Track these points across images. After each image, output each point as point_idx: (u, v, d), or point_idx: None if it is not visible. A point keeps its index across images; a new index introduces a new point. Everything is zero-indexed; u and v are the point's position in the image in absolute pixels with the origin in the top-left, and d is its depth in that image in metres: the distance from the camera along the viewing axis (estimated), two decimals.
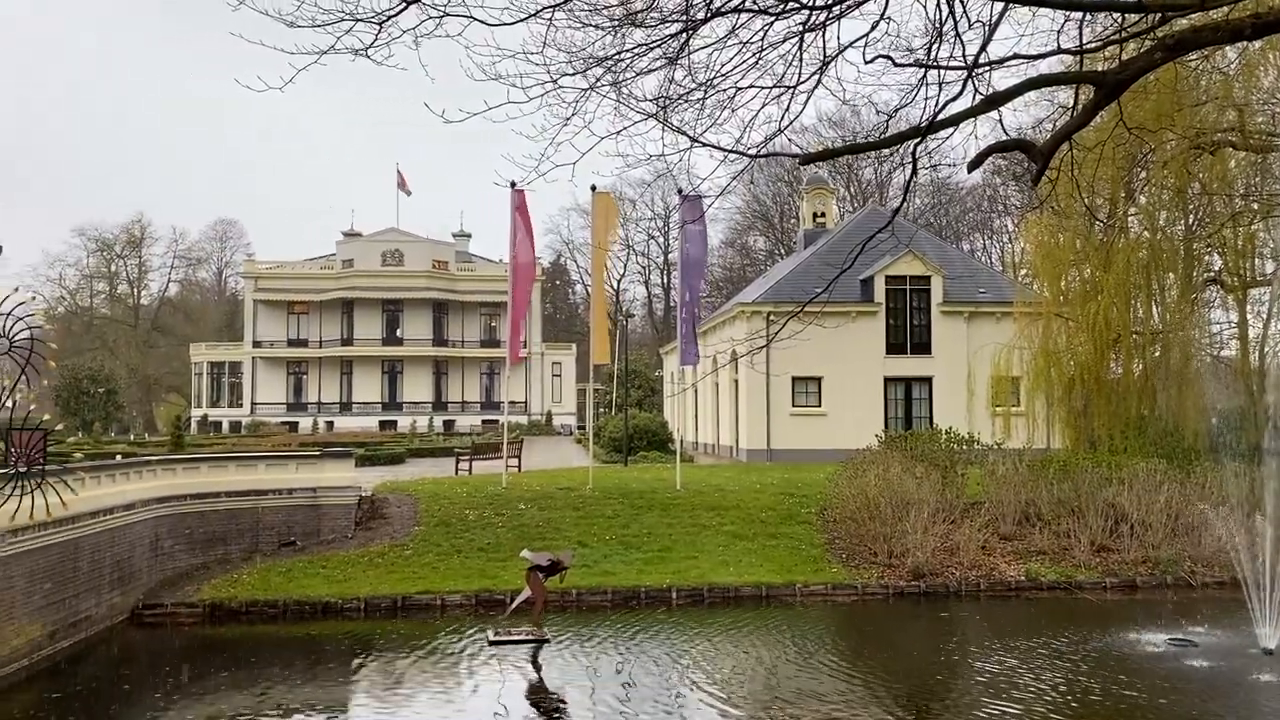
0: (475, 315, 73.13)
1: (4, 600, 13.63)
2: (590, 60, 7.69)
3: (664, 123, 7.91)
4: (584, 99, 7.68)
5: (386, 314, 71.26)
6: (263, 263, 74.56)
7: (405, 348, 70.78)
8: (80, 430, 60.39)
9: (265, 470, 21.93)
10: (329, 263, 72.90)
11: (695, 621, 17.44)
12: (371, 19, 6.09)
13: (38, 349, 13.76)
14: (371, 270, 70.02)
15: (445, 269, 71.88)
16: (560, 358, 74.63)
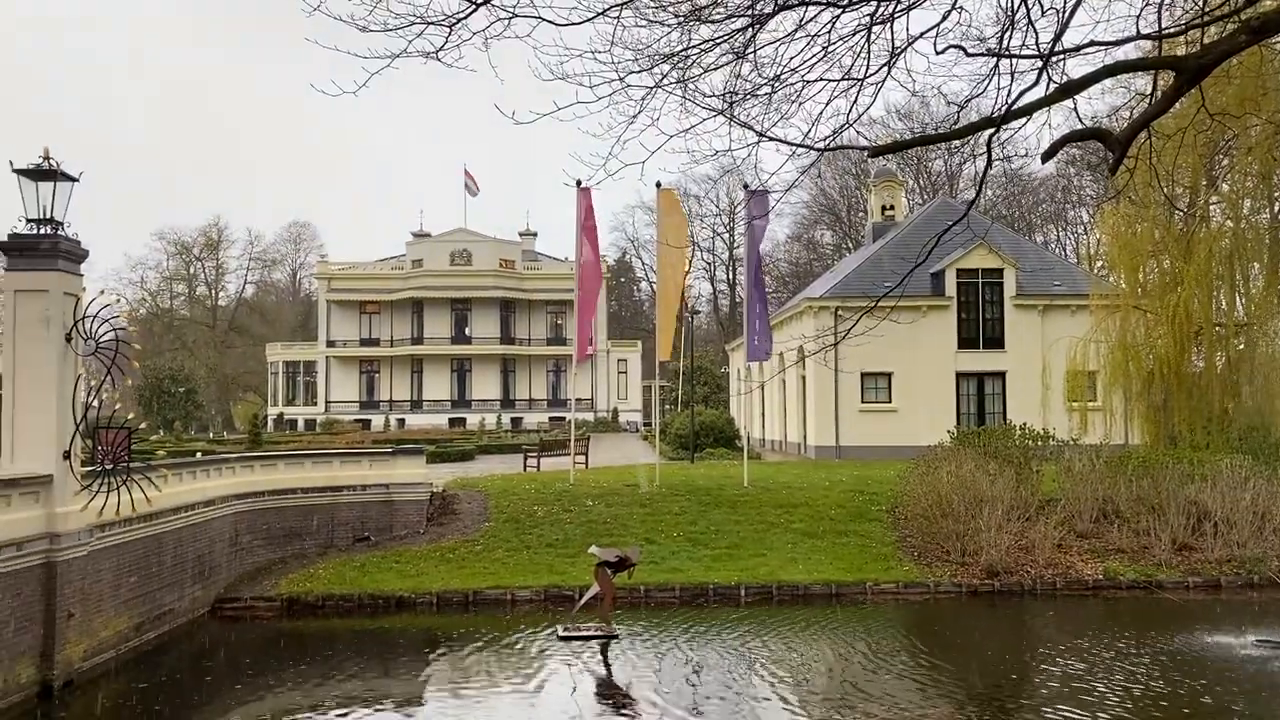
0: (541, 313, 73.67)
1: (92, 593, 14.10)
2: (656, 57, 7.68)
3: (730, 118, 7.87)
4: (650, 96, 7.69)
5: (455, 313, 72.14)
6: (335, 264, 76.00)
7: (473, 346, 71.59)
8: (162, 429, 62.24)
9: (340, 467, 22.36)
10: (399, 263, 74.04)
11: (764, 619, 17.36)
12: (442, 22, 6.16)
13: (122, 350, 14.18)
14: (440, 270, 70.94)
15: (512, 268, 72.53)
16: (626, 355, 74.82)
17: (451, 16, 6.18)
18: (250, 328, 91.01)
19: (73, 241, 13.80)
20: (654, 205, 33.28)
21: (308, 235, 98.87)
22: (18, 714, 12.23)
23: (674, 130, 7.54)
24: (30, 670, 12.75)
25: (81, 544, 13.67)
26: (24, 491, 12.81)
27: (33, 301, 13.42)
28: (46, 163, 13.46)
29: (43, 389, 13.35)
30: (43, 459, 13.26)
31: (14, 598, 12.43)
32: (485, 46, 6.31)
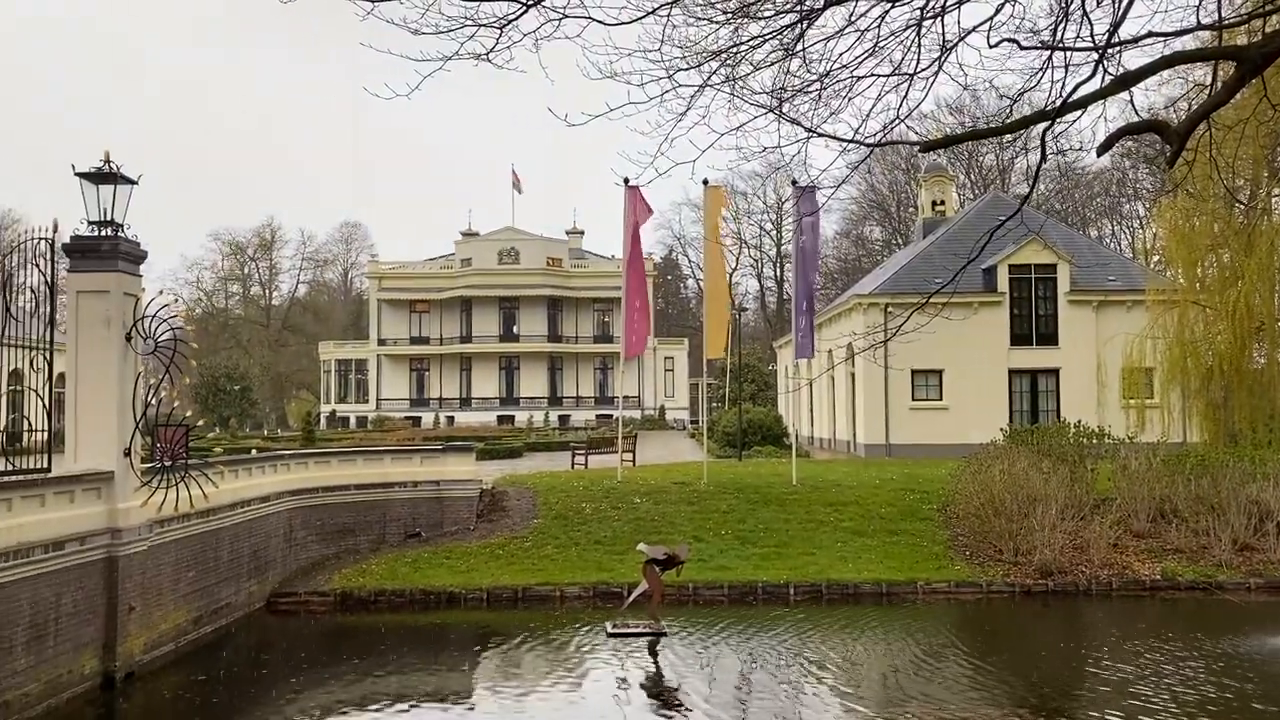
0: (589, 311, 73.90)
1: (152, 587, 14.43)
2: (704, 55, 7.67)
3: (779, 114, 7.84)
4: (698, 94, 7.68)
5: (503, 311, 72.62)
6: (386, 263, 76.88)
7: (521, 344, 72.01)
8: (218, 426, 63.38)
9: (391, 464, 22.63)
10: (448, 262, 74.70)
11: (813, 618, 17.28)
12: (492, 24, 6.21)
13: (180, 349, 14.48)
14: (488, 269, 71.44)
15: (559, 266, 72.83)
16: (673, 352, 74.77)
17: (502, 18, 6.22)
18: (303, 326, 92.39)
19: (132, 243, 14.11)
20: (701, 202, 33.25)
21: (359, 235, 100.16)
22: (82, 704, 12.56)
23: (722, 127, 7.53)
24: (93, 662, 13.07)
25: (142, 539, 13.98)
26: (86, 488, 13.14)
27: (94, 302, 13.74)
28: (107, 166, 13.78)
29: (104, 388, 13.67)
30: (104, 456, 13.58)
31: (77, 591, 12.75)
32: (536, 47, 6.36)
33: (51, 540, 12.21)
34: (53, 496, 12.44)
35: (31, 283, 13.74)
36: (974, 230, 35.69)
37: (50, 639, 12.15)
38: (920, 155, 56.37)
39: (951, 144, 10.14)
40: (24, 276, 13.58)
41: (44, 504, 12.26)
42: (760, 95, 7.69)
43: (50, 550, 12.17)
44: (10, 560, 11.43)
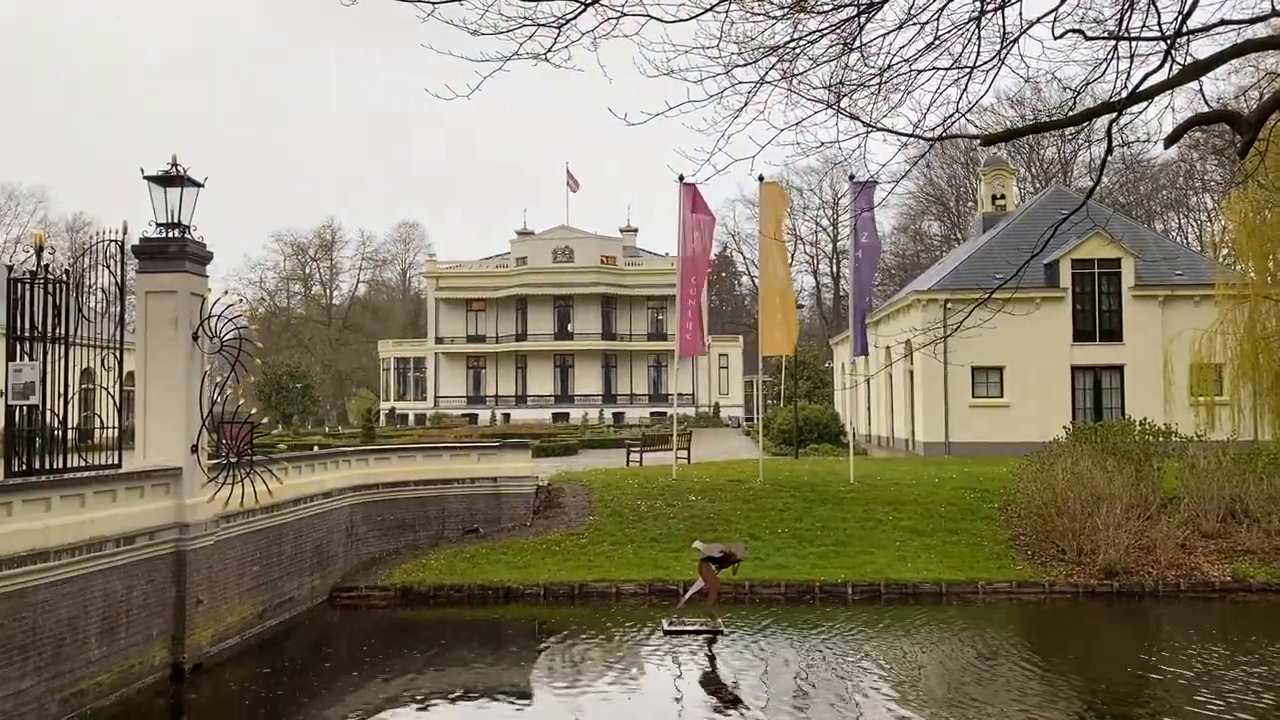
0: (643, 309, 73.96)
1: (219, 581, 14.76)
2: (761, 50, 7.64)
3: (837, 109, 7.78)
4: (756, 90, 7.65)
5: (558, 309, 72.97)
6: (443, 263, 77.72)
7: (575, 342, 72.32)
8: (281, 423, 64.58)
9: (449, 461, 22.89)
10: (503, 261, 75.29)
11: (872, 617, 17.13)
12: (551, 23, 6.24)
13: (244, 348, 14.79)
14: (543, 267, 71.85)
15: (613, 264, 73.02)
16: (727, 349, 74.51)
17: (560, 18, 6.25)
18: (363, 325, 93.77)
19: (198, 244, 14.43)
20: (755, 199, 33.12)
21: (416, 235, 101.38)
22: (153, 694, 12.90)
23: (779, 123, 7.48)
24: (163, 653, 13.41)
25: (208, 534, 14.31)
26: (156, 483, 13.48)
27: (162, 302, 14.09)
28: (174, 169, 14.11)
29: (172, 386, 14.01)
30: (172, 453, 13.92)
31: (147, 584, 13.09)
32: (594, 46, 6.37)
33: (122, 535, 12.55)
34: (123, 492, 12.79)
35: (102, 283, 14.12)
36: (1035, 224, 35.11)
37: (122, 631, 12.49)
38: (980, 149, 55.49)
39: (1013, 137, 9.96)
40: (95, 277, 13.96)
41: (115, 499, 12.61)
42: (818, 90, 7.63)
43: (121, 544, 12.51)
44: (83, 554, 11.77)
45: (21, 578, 10.71)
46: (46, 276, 12.98)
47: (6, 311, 12.73)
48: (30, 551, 10.87)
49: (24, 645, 10.72)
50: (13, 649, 10.55)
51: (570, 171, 73.77)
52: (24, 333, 12.77)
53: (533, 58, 6.38)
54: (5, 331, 12.93)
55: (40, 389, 12.75)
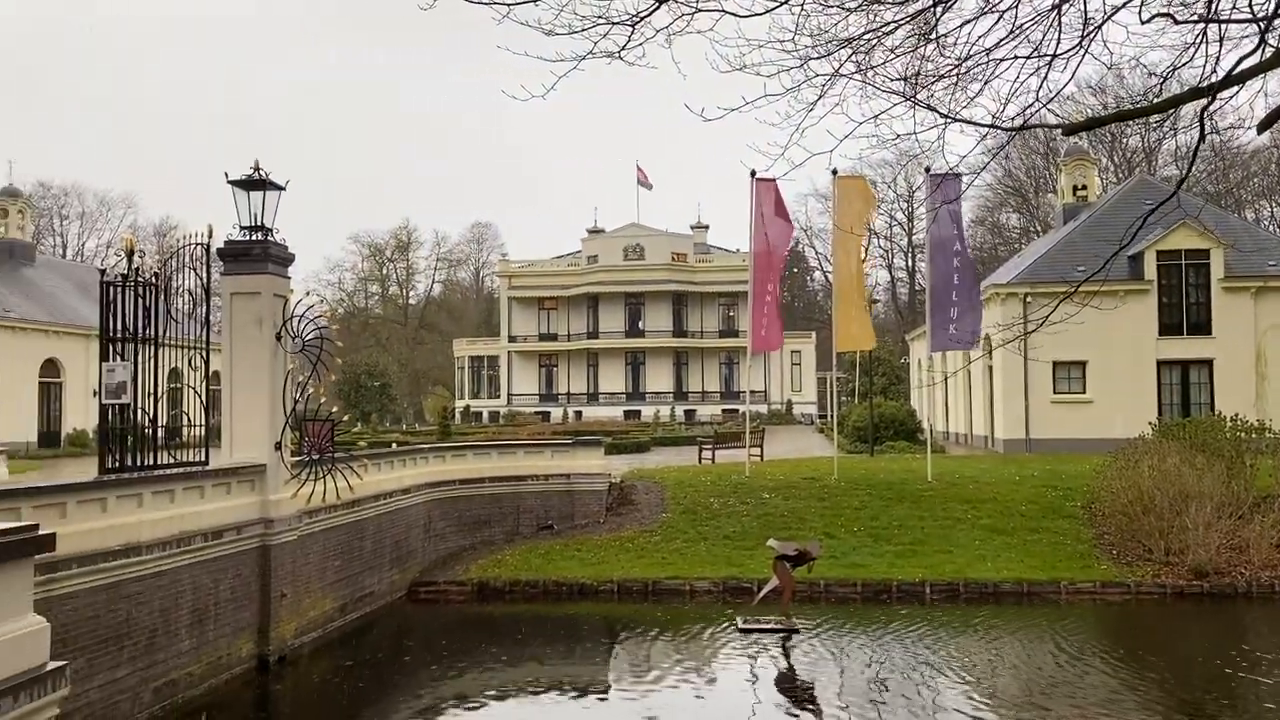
0: (714, 306, 73.76)
1: (302, 575, 15.12)
2: (836, 43, 7.55)
3: (914, 101, 7.65)
4: (830, 83, 7.56)
5: (629, 307, 73.20)
6: (515, 262, 78.54)
7: (647, 339, 72.45)
8: (359, 421, 65.90)
9: (523, 458, 23.10)
10: (574, 260, 75.79)
11: (950, 617, 16.85)
12: (625, 21, 6.24)
13: (325, 347, 15.11)
14: (614, 265, 72.12)
15: (684, 261, 72.96)
16: (799, 346, 73.93)
17: (635, 15, 6.26)
18: (438, 324, 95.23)
19: (281, 246, 14.79)
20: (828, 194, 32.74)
21: (489, 235, 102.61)
22: (240, 685, 13.27)
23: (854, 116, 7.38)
24: (249, 645, 13.78)
25: (292, 529, 14.66)
26: (242, 480, 13.85)
27: (247, 303, 14.47)
28: (257, 173, 14.47)
29: (256, 385, 14.38)
30: (257, 450, 14.29)
31: (234, 578, 13.46)
32: (668, 43, 6.37)
33: (210, 529, 12.92)
34: (211, 488, 13.17)
35: (188, 285, 14.54)
36: (1119, 215, 34.13)
37: (210, 623, 12.87)
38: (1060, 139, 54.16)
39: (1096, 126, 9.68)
40: (182, 280, 14.39)
41: (203, 495, 12.98)
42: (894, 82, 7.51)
43: (209, 539, 12.89)
44: (173, 548, 12.14)
45: (115, 571, 11.09)
46: (137, 279, 13.43)
47: (100, 313, 13.19)
48: (123, 546, 11.25)
49: (119, 636, 11.11)
50: (108, 639, 10.93)
51: (641, 170, 73.93)
52: (116, 334, 13.22)
53: (607, 56, 6.40)
54: (99, 333, 13.40)
55: (131, 388, 13.19)
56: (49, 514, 10.11)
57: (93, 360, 40.73)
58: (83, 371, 45.91)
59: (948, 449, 37.22)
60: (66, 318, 47.41)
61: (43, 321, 45.74)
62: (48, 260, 58.47)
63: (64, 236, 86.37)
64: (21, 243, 51.73)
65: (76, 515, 10.63)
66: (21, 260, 50.85)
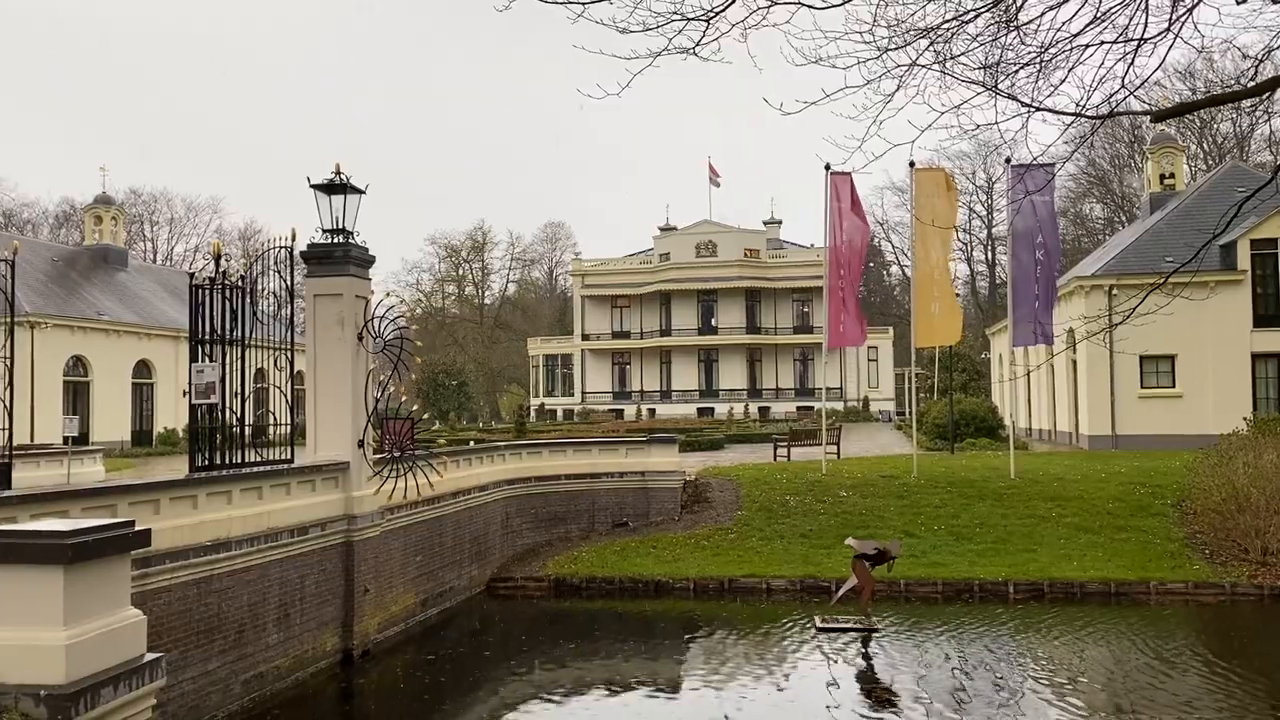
0: (787, 302, 73.22)
1: (385, 570, 15.41)
2: (914, 33, 7.42)
3: (995, 90, 7.48)
4: (909, 74, 7.44)
5: (701, 304, 73.08)
6: (588, 261, 78.99)
7: (719, 336, 72.25)
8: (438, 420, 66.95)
9: (598, 455, 23.21)
10: (646, 258, 75.93)
11: (1034, 617, 16.47)
12: (699, 16, 6.22)
13: (405, 347, 15.37)
14: (686, 262, 72.06)
15: (756, 257, 72.57)
16: (877, 341, 72.95)
17: (710, 10, 6.23)
18: (513, 323, 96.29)
19: (361, 248, 15.07)
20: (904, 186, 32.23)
21: (562, 234, 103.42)
22: (325, 679, 13.57)
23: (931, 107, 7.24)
24: (334, 639, 14.09)
25: (374, 525, 14.95)
26: (326, 477, 14.16)
27: (329, 304, 14.78)
28: (338, 178, 14.77)
29: (339, 384, 14.69)
30: (340, 447, 14.59)
31: (320, 573, 13.78)
32: (743, 37, 6.32)
33: (296, 526, 13.24)
34: (296, 485, 13.48)
35: (273, 288, 14.91)
36: (1209, 204, 32.99)
37: (296, 617, 13.18)
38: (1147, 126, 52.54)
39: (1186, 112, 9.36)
40: (266, 282, 14.77)
41: (289, 492, 13.30)
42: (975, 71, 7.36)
43: (295, 535, 13.20)
44: (261, 544, 12.47)
45: (206, 566, 11.42)
46: (224, 282, 13.81)
47: (190, 316, 13.60)
48: (214, 541, 11.59)
49: (209, 629, 11.45)
50: (200, 632, 11.27)
51: (712, 166, 73.77)
52: (205, 335, 13.62)
53: (681, 52, 6.37)
54: (188, 335, 13.82)
55: (220, 388, 13.57)
56: (143, 511, 10.45)
57: (182, 361, 42.14)
58: (173, 372, 47.46)
59: (1030, 446, 36.39)
60: (157, 320, 49.04)
61: (135, 324, 47.38)
62: (139, 265, 60.56)
63: (154, 242, 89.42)
64: (115, 248, 53.67)
65: (169, 512, 10.97)
66: (115, 265, 52.73)
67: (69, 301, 45.59)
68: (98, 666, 5.40)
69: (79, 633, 5.32)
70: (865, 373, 72.16)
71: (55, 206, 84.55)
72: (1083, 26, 7.59)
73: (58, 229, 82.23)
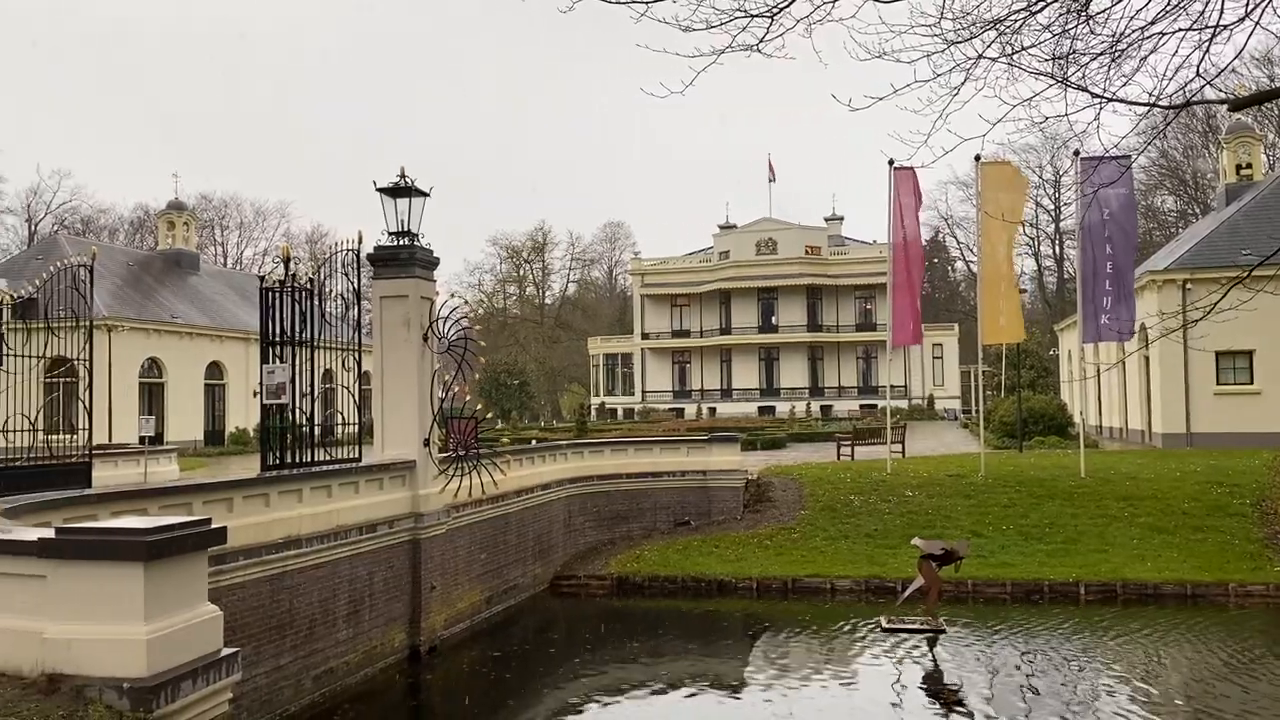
0: (849, 299, 72.51)
1: (450, 567, 15.59)
2: (981, 24, 7.30)
3: (1065, 82, 7.32)
4: (974, 66, 7.31)
5: (762, 302, 72.71)
6: (647, 260, 79.07)
7: (780, 334, 71.81)
8: (500, 419, 67.57)
9: (659, 454, 23.22)
10: (706, 256, 75.77)
11: (1106, 620, 16.10)
12: (763, 13, 6.19)
13: (469, 347, 15.53)
14: (746, 260, 71.75)
15: (818, 254, 71.96)
16: (941, 339, 71.92)
17: (774, 6, 6.19)
18: (573, 323, 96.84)
19: (426, 250, 15.27)
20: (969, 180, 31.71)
21: (622, 234, 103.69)
22: (394, 674, 13.78)
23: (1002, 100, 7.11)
24: (401, 635, 14.30)
25: (440, 523, 15.13)
26: (393, 475, 14.37)
27: (395, 306, 15.00)
28: (402, 181, 14.99)
29: (405, 384, 14.90)
30: (406, 446, 14.80)
31: (388, 570, 13.99)
32: (808, 33, 6.27)
33: (364, 523, 13.46)
34: (365, 484, 13.71)
35: (340, 290, 15.17)
36: None
37: (365, 614, 13.41)
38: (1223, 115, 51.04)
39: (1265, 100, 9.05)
40: (334, 284, 15.03)
41: (357, 491, 13.53)
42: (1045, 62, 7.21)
43: (363, 532, 13.42)
44: (330, 541, 12.70)
45: (278, 563, 11.67)
46: (293, 285, 14.09)
47: (260, 318, 13.90)
48: (285, 539, 11.83)
49: (281, 625, 11.69)
50: (272, 628, 11.51)
51: (771, 164, 73.38)
52: (275, 337, 13.91)
53: (745, 49, 6.35)
54: (259, 336, 14.13)
55: (290, 389, 13.85)
56: (217, 509, 10.71)
57: (252, 362, 43.10)
58: (243, 373, 48.56)
59: (1101, 444, 35.58)
60: (228, 322, 50.22)
61: (207, 326, 48.59)
62: (210, 269, 62.08)
63: (224, 245, 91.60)
64: (187, 252, 55.08)
65: (242, 510, 11.23)
66: (187, 269, 54.12)
67: (144, 305, 46.89)
68: (177, 660, 5.55)
69: (159, 627, 5.46)
70: (930, 370, 71.16)
71: (130, 213, 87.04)
72: (1156, 14, 7.40)
73: (133, 234, 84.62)
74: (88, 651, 5.41)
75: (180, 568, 5.70)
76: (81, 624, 5.43)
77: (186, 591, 5.78)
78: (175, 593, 5.65)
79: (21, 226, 77.79)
